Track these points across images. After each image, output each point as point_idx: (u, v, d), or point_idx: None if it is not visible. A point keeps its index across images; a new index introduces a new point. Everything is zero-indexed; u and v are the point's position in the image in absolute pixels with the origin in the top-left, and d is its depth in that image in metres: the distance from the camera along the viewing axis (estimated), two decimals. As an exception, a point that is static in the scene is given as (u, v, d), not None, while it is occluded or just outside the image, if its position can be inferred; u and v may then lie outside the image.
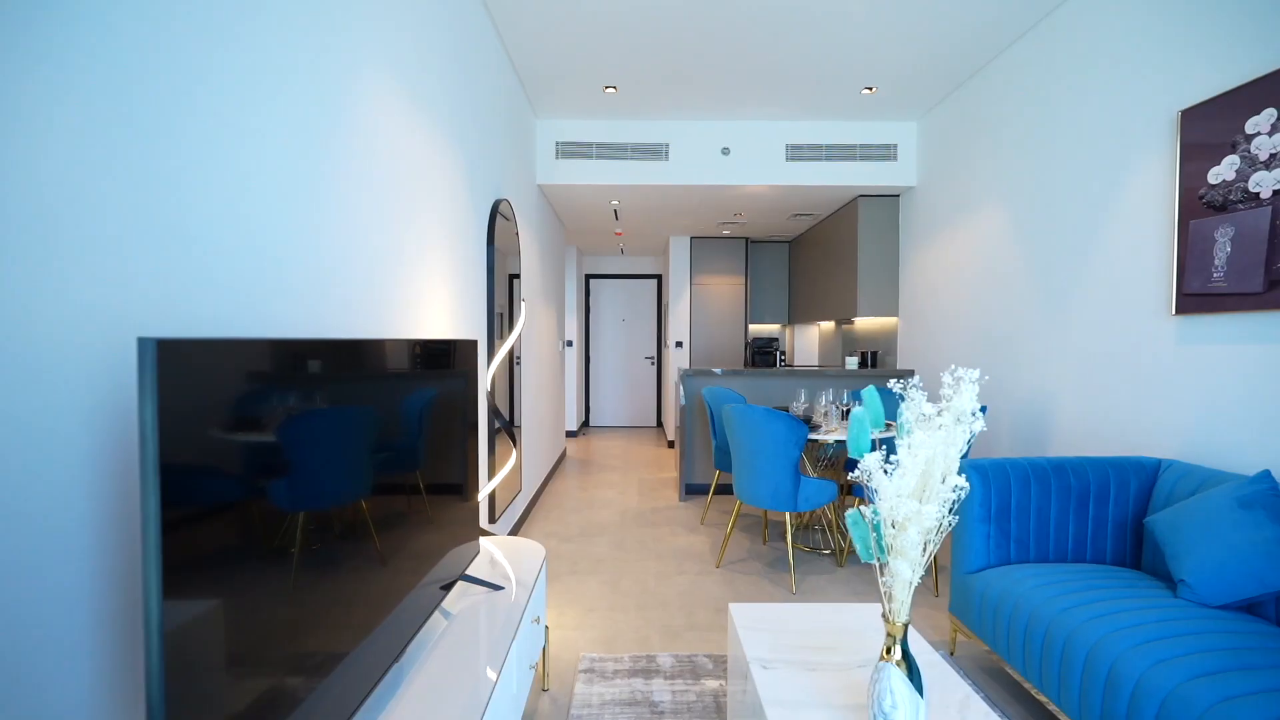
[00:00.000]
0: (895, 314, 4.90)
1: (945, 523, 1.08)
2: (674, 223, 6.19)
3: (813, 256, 6.31)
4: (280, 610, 0.96)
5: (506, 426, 2.33)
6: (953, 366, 1.23)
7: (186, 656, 0.74)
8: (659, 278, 8.45)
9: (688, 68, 3.68)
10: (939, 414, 1.15)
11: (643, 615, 2.70)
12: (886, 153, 4.57)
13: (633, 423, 8.56)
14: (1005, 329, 3.44)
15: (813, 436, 3.13)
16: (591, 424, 8.58)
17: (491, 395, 3.03)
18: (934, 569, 3.08)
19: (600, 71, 3.73)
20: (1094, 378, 2.75)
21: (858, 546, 1.19)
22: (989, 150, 3.61)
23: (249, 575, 0.89)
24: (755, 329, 7.58)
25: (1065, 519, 2.19)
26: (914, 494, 1.08)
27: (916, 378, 1.27)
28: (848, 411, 3.54)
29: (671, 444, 6.97)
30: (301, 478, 1.03)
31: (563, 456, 6.22)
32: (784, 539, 3.70)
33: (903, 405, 1.20)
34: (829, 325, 6.77)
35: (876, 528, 1.13)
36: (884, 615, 1.17)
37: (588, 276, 8.44)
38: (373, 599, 1.27)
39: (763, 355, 7.08)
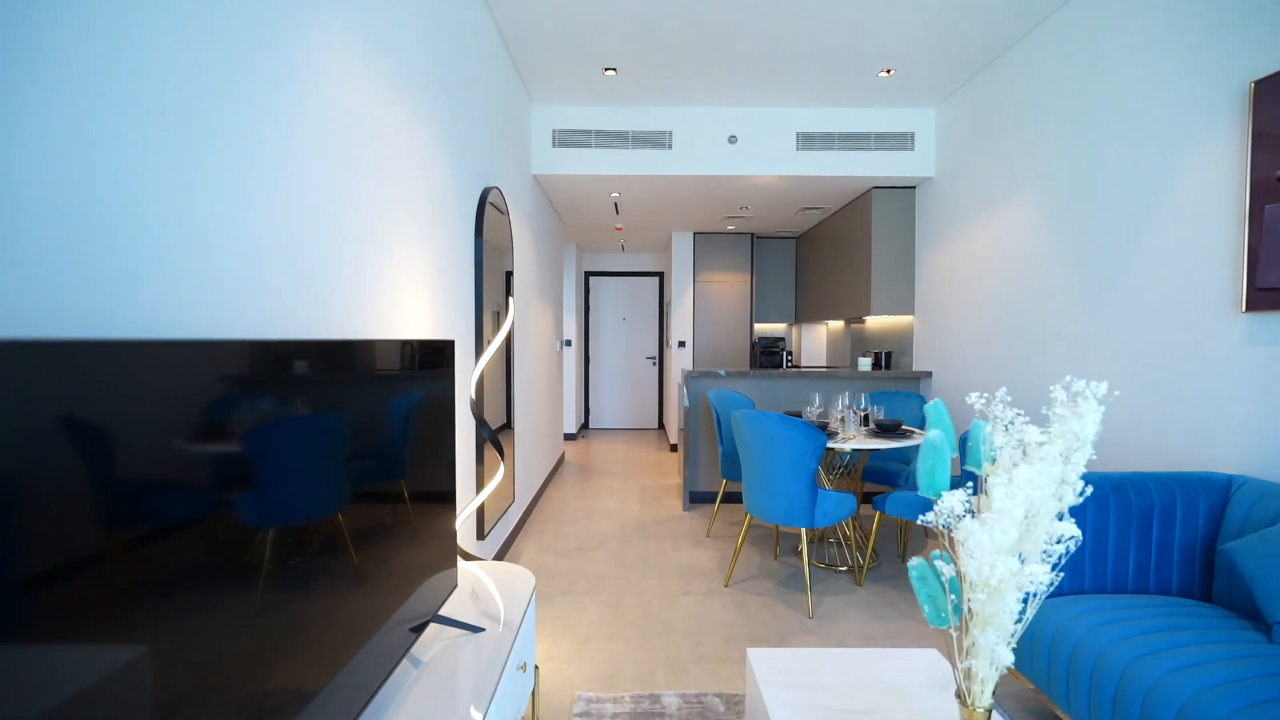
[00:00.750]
0: (911, 312, 4.64)
1: (1048, 584, 0.83)
2: (677, 217, 5.93)
3: (822, 253, 6.05)
4: (201, 665, 0.70)
5: (492, 437, 2.08)
6: (1069, 378, 0.96)
7: None
8: (661, 275, 8.19)
9: (693, 47, 3.42)
10: (1043, 443, 0.88)
11: (645, 645, 2.44)
12: (903, 141, 4.31)
13: (633, 425, 8.30)
14: (1037, 326, 3.18)
15: (830, 445, 2.88)
16: (591, 426, 8.32)
17: (479, 403, 2.77)
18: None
19: (599, 50, 3.47)
20: (1146, 381, 2.49)
21: (925, 608, 0.93)
22: (1019, 135, 3.34)
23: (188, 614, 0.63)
24: (760, 328, 7.32)
25: (1125, 544, 1.93)
26: (1013, 548, 0.82)
27: (1003, 391, 1.00)
28: (866, 417, 3.28)
29: (674, 448, 6.71)
30: (244, 503, 0.78)
31: (561, 461, 5.96)
32: (796, 553, 3.44)
33: (985, 428, 0.94)
34: (838, 325, 6.51)
35: (954, 587, 0.87)
36: (958, 695, 0.91)
37: (587, 274, 8.19)
38: (322, 651, 1.01)
39: (768, 356, 6.82)
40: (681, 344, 6.75)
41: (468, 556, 2.08)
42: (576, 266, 7.53)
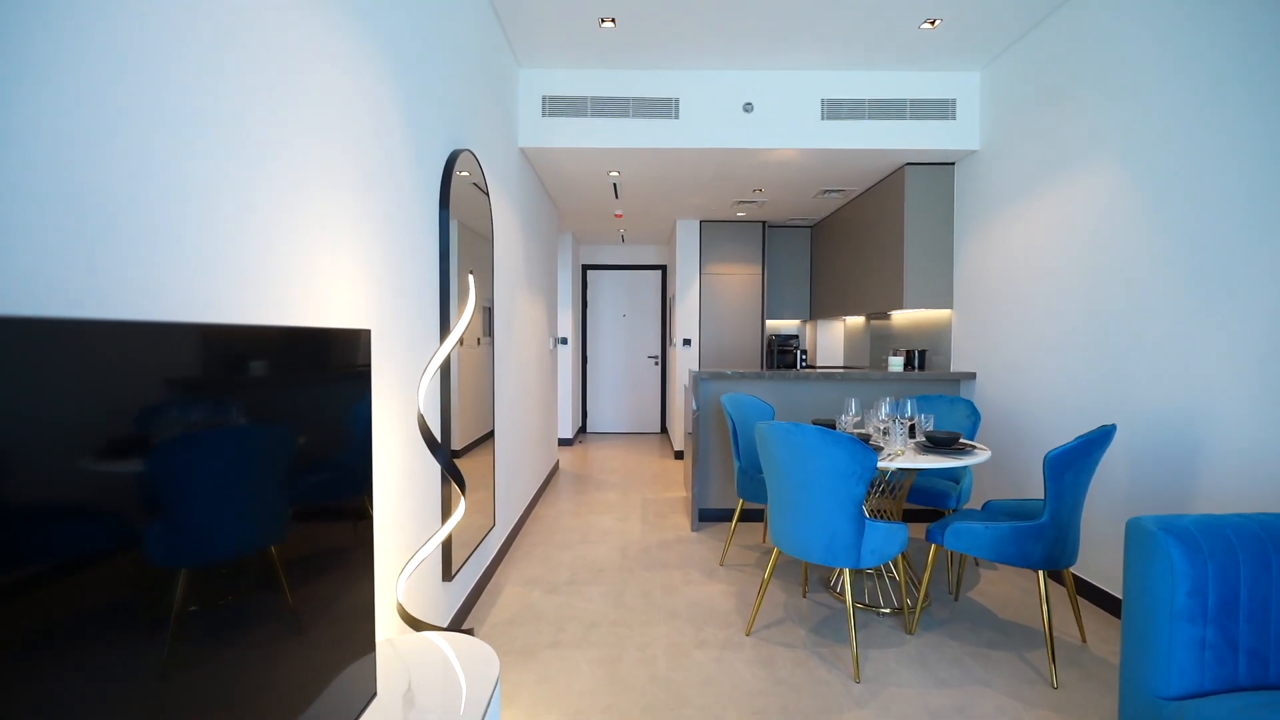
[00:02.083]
0: (948, 305, 4.10)
1: None
2: (682, 202, 5.39)
3: (841, 242, 5.51)
4: None
5: (447, 465, 1.54)
6: None
7: None
8: (663, 269, 7.65)
9: (706, -12, 2.89)
10: None
11: (651, 725, 1.90)
12: (943, 109, 3.77)
13: (634, 429, 7.77)
14: (1120, 322, 2.65)
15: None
16: (589, 430, 7.79)
17: (447, 414, 2.24)
18: (1048, 642, 2.29)
19: (595, -5, 2.94)
20: (1291, 388, 1.95)
21: None
22: (1096, 94, 2.80)
23: None
24: (772, 325, 6.79)
25: (1316, 615, 1.40)
26: None
27: None
28: (913, 427, 2.74)
29: (679, 454, 6.17)
30: None
31: (555, 471, 5.43)
32: (829, 588, 2.91)
33: None
34: (857, 321, 5.97)
35: None
36: None
37: (585, 267, 7.65)
38: None
39: (781, 354, 6.29)
40: (687, 342, 6.21)
41: (414, 623, 1.54)
42: (573, 259, 7.00)
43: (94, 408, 0.62)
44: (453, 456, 2.76)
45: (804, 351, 6.24)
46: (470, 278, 1.56)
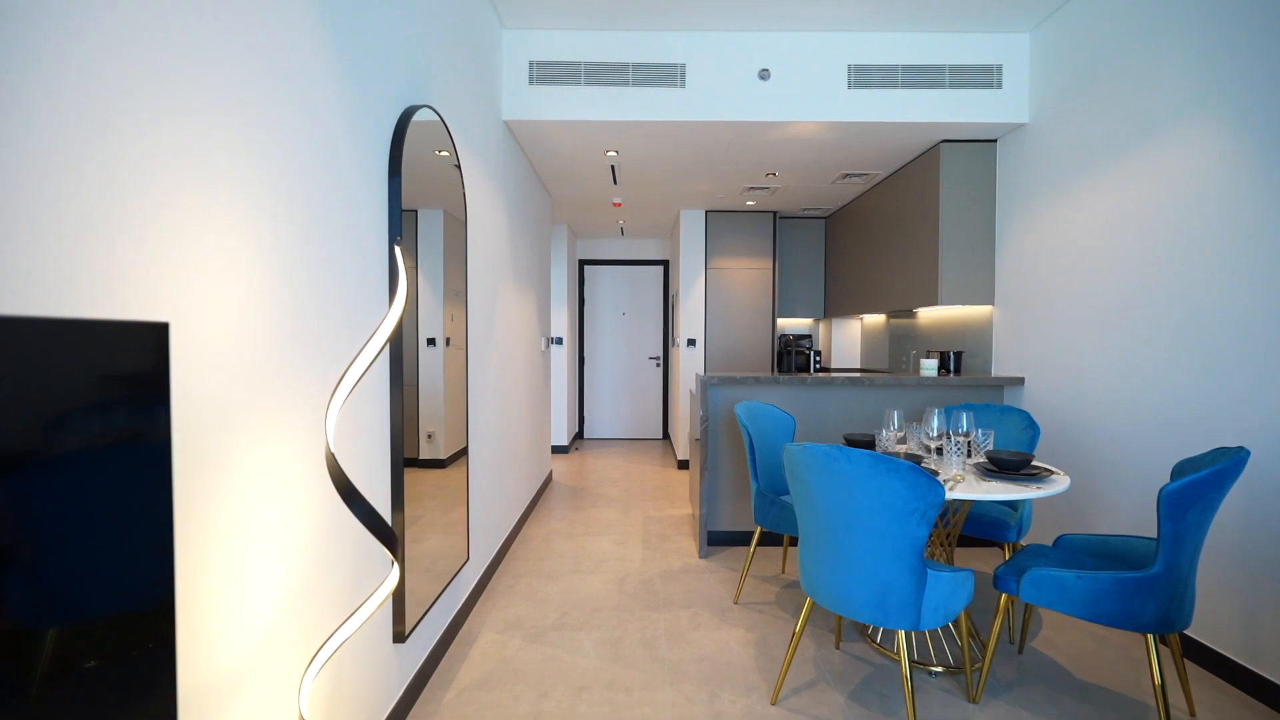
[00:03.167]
0: (989, 301, 3.63)
1: None
2: (687, 189, 4.92)
3: (860, 233, 5.04)
4: None
5: (370, 521, 1.07)
6: None
7: None
8: (666, 264, 7.18)
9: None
10: None
11: None
12: (986, 77, 3.30)
13: (634, 434, 7.29)
14: (1223, 320, 2.18)
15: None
16: (586, 436, 7.32)
17: (381, 445, 1.78)
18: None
19: (587, -71, 2.47)
20: None
21: None
22: (1191, 49, 2.33)
23: None
24: (783, 323, 6.32)
25: None
26: None
27: None
28: (969, 444, 2.27)
29: (683, 464, 5.71)
30: None
31: (547, 482, 4.96)
32: (867, 637, 2.44)
33: None
34: (876, 320, 5.50)
35: None
36: None
37: (582, 262, 7.18)
38: None
39: (791, 356, 5.82)
40: (691, 342, 5.75)
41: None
42: (569, 253, 6.53)
43: None
44: (442, 465, 2.30)
45: (817, 352, 5.77)
46: (398, 251, 1.08)
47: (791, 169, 4.30)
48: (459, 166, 2.39)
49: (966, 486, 1.97)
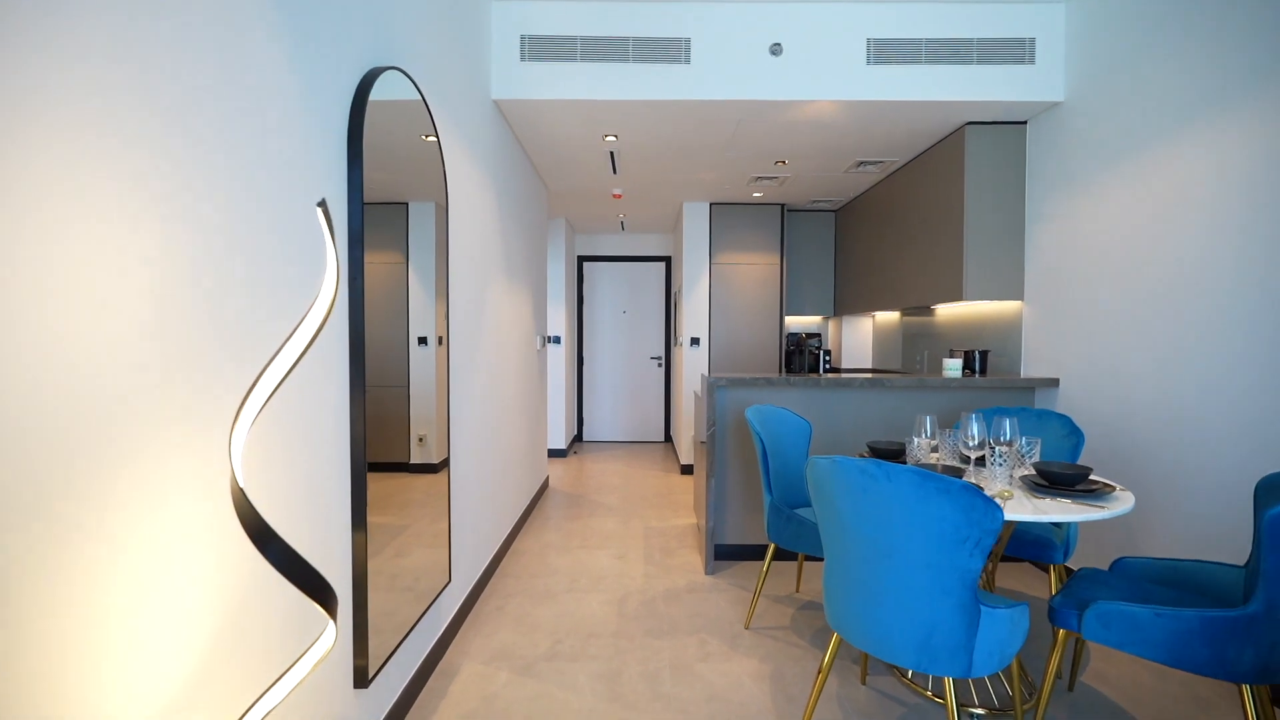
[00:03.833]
0: (1018, 296, 3.36)
1: None
2: (691, 179, 4.66)
3: (875, 224, 4.77)
4: None
5: (305, 579, 0.81)
6: None
7: None
8: (668, 260, 6.92)
9: None
10: None
11: None
12: (1018, 51, 3.03)
13: (635, 437, 7.03)
14: (1310, 311, 1.91)
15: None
16: (585, 438, 7.05)
17: (340, 462, 1.52)
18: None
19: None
20: None
21: None
22: (1268, 8, 2.07)
23: None
24: (791, 321, 6.05)
25: None
26: None
27: None
28: (1015, 454, 2.00)
29: (685, 469, 5.44)
30: None
31: (543, 489, 4.70)
32: (895, 672, 2.17)
33: None
34: (888, 317, 5.23)
35: None
36: None
37: (581, 258, 6.92)
38: None
39: (800, 355, 5.56)
40: (695, 341, 5.48)
41: None
42: (567, 249, 6.26)
43: None
44: (434, 469, 2.05)
45: (827, 352, 5.50)
46: (321, 213, 0.82)
47: (803, 156, 4.03)
48: (437, 140, 2.13)
49: (1017, 505, 1.71)
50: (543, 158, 4.06)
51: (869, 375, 3.66)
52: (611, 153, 3.96)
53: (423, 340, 2.03)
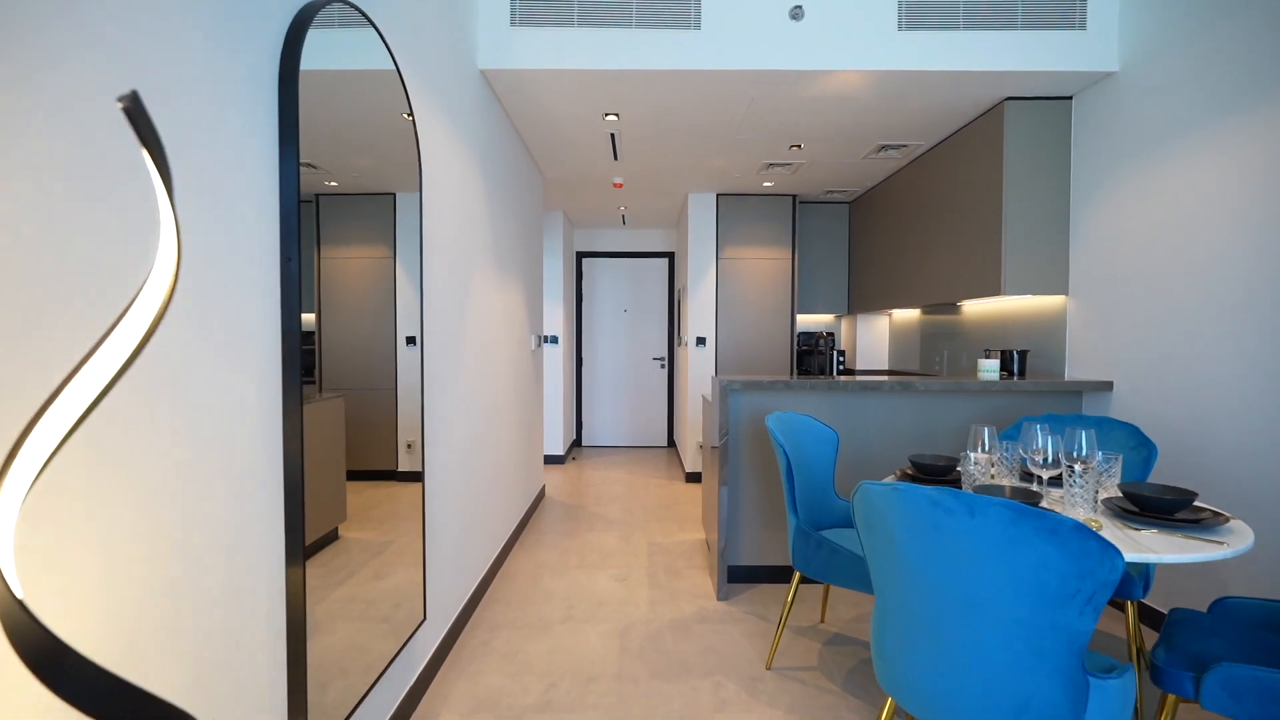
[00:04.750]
0: (1063, 290, 3.04)
1: None
2: (697, 166, 4.34)
3: (894, 216, 4.45)
4: None
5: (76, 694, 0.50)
6: None
7: None
8: (671, 256, 6.59)
9: None
10: None
11: None
12: (1067, 15, 2.71)
13: (637, 442, 6.70)
14: None
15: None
16: (585, 443, 6.73)
17: (271, 525, 1.20)
18: None
19: None
20: None
21: None
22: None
23: None
24: (802, 320, 5.73)
25: None
26: None
27: None
28: (1083, 469, 1.68)
29: (691, 477, 5.11)
30: None
31: (539, 499, 4.37)
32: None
33: None
34: (906, 316, 4.91)
35: None
36: None
37: (580, 254, 6.60)
38: None
39: (812, 356, 5.24)
40: (700, 341, 5.15)
41: None
42: (565, 244, 5.94)
43: None
44: (422, 478, 1.73)
45: (841, 352, 5.17)
46: (157, 179, 0.49)
47: (820, 139, 3.70)
48: (407, 100, 1.80)
49: (1110, 536, 1.38)
50: (537, 140, 3.74)
51: (895, 378, 3.33)
52: (612, 134, 3.64)
53: (411, 340, 1.88)
